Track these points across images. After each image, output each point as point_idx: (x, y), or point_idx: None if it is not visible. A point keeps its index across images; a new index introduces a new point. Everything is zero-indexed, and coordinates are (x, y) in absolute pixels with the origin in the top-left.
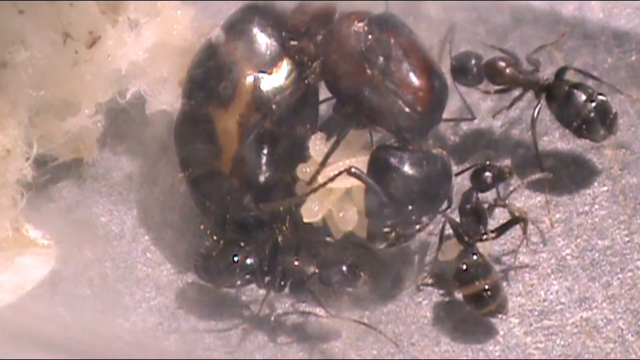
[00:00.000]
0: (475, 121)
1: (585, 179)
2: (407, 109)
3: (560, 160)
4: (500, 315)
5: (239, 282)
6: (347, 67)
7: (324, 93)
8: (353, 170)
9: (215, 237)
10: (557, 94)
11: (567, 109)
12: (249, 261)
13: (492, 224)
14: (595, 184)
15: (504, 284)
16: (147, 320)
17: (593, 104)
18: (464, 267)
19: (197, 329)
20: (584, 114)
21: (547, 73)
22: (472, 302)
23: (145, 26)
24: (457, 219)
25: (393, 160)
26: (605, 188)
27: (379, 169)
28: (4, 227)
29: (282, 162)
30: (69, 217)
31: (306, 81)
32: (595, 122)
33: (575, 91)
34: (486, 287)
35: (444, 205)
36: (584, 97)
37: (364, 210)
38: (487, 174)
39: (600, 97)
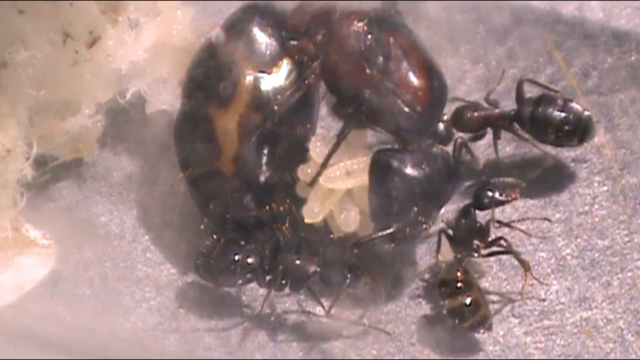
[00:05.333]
0: None
1: (585, 179)
2: (406, 109)
3: (560, 160)
4: (482, 331)
5: (239, 281)
6: (346, 67)
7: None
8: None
9: (215, 237)
10: (524, 117)
11: (539, 126)
12: (250, 260)
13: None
14: (595, 184)
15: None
16: (147, 320)
17: (562, 113)
18: (447, 280)
19: (197, 329)
20: (555, 124)
21: (546, 73)
22: (454, 315)
23: (145, 26)
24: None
25: (394, 163)
26: (605, 188)
27: (380, 172)
28: (4, 227)
29: (282, 162)
30: (69, 217)
31: (306, 81)
32: (571, 129)
33: (541, 106)
34: (467, 302)
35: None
36: (550, 108)
37: (369, 213)
38: (489, 193)
39: (570, 104)
